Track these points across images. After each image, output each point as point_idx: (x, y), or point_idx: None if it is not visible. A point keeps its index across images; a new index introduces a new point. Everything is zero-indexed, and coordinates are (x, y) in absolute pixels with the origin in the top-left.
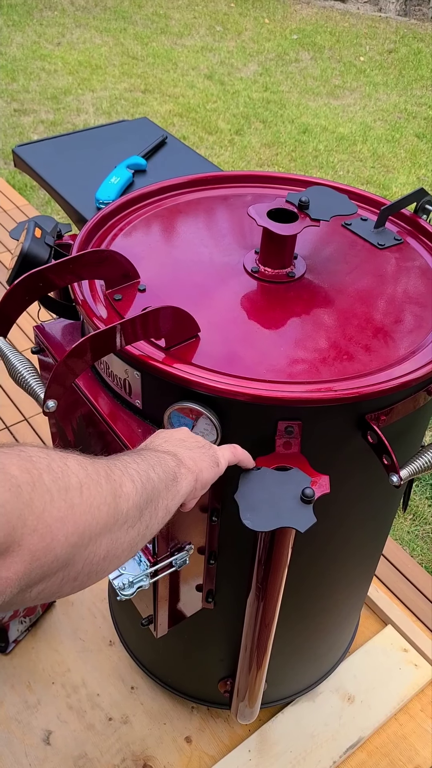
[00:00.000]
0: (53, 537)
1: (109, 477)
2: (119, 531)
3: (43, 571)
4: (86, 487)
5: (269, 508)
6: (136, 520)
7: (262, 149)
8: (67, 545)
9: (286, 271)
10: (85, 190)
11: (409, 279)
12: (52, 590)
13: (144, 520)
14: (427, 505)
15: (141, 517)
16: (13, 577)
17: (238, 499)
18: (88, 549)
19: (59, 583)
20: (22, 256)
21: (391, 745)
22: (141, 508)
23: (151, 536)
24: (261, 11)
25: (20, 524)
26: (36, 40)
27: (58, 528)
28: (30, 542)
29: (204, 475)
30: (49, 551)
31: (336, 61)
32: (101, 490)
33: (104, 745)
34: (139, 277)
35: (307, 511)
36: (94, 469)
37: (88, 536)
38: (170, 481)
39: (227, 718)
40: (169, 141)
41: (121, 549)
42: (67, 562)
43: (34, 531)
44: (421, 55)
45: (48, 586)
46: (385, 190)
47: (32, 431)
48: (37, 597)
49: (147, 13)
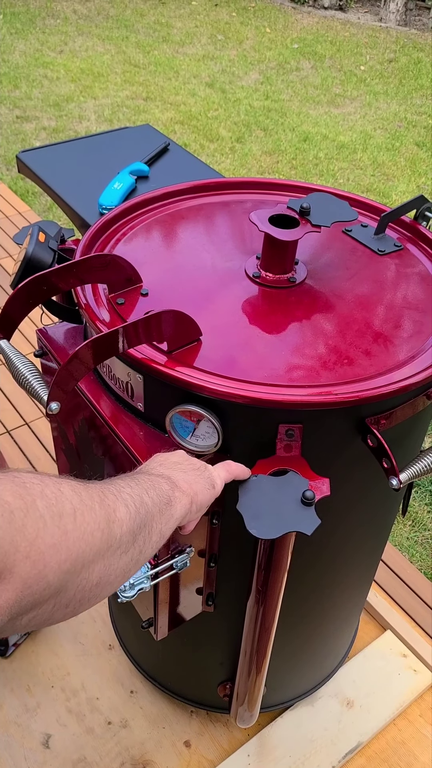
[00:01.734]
0: (46, 564)
1: (103, 502)
2: (112, 557)
3: (34, 599)
4: (80, 513)
5: (273, 515)
6: (129, 545)
7: (263, 157)
8: (59, 572)
9: (287, 276)
10: (88, 196)
11: (408, 285)
12: (43, 618)
13: (137, 545)
14: (426, 511)
15: (134, 542)
16: (3, 605)
17: (241, 510)
18: (80, 576)
19: (50, 610)
20: (26, 260)
21: (390, 751)
22: (135, 533)
23: (145, 561)
24: (262, 20)
25: (12, 550)
26: (39, 48)
27: (51, 555)
28: (22, 569)
29: (200, 497)
30: (42, 578)
31: (336, 70)
32: (95, 515)
33: (103, 749)
34: (141, 282)
35: (310, 513)
36: (88, 495)
37: (81, 563)
38: (164, 504)
39: (226, 722)
40: (172, 148)
41: (114, 575)
42: (59, 589)
43: (27, 558)
44: (421, 65)
45: (39, 613)
46: (385, 198)
47: (33, 435)
48: (27, 625)
49: (149, 21)
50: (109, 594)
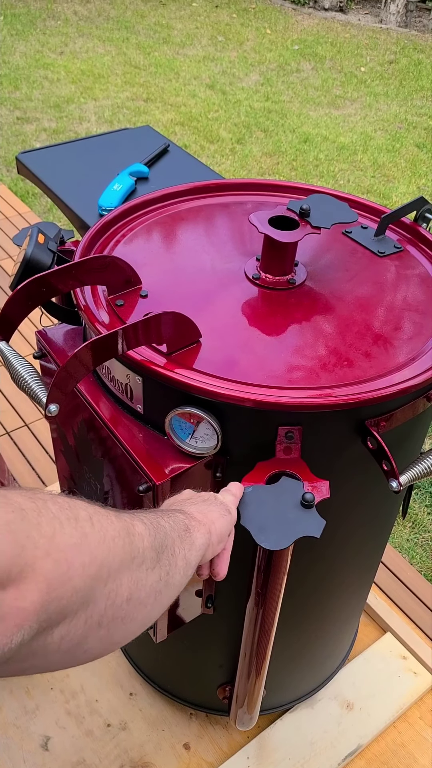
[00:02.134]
0: (69, 564)
1: (119, 516)
2: (139, 570)
3: (62, 605)
4: (96, 519)
5: (278, 524)
6: (154, 562)
7: (263, 158)
8: (85, 576)
9: (287, 278)
10: (87, 197)
11: (408, 287)
12: (77, 636)
13: (163, 565)
14: (426, 513)
15: (159, 561)
16: (30, 608)
17: (246, 525)
18: (108, 586)
19: (83, 627)
20: (26, 262)
21: (390, 753)
22: (157, 551)
23: (176, 589)
24: (263, 22)
25: (30, 545)
26: (39, 49)
27: (73, 555)
28: (44, 567)
29: (217, 525)
30: (67, 581)
31: (337, 72)
32: (113, 524)
33: (102, 752)
34: (141, 283)
35: (314, 515)
36: (101, 508)
37: (107, 570)
38: (183, 531)
39: (226, 724)
40: (171, 149)
41: (144, 592)
42: (87, 597)
43: (48, 555)
44: (421, 66)
45: (71, 629)
46: (385, 199)
47: (33, 437)
48: (61, 644)
49: (149, 23)
50: (144, 618)
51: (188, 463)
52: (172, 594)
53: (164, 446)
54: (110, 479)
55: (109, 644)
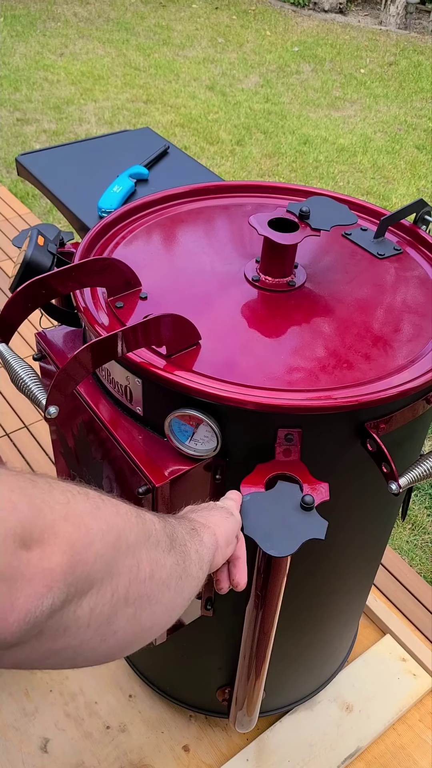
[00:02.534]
0: (88, 529)
1: (126, 502)
2: (155, 550)
3: (86, 570)
4: (106, 498)
5: (281, 530)
6: (169, 546)
7: (263, 160)
8: (105, 543)
9: (287, 280)
10: (87, 199)
11: (408, 289)
12: (105, 610)
13: (177, 552)
14: (426, 515)
15: (173, 547)
16: (57, 569)
17: (250, 534)
18: (128, 558)
19: (110, 600)
20: (25, 264)
21: (390, 755)
22: (170, 537)
23: (194, 581)
24: (262, 23)
25: (47, 509)
26: (39, 51)
27: (90, 521)
28: (65, 529)
29: (222, 528)
30: (89, 545)
31: (337, 73)
32: (123, 505)
33: (102, 754)
34: (140, 285)
35: (315, 517)
36: (105, 495)
37: (125, 541)
38: (190, 529)
39: (225, 726)
40: (171, 151)
41: (165, 572)
42: (110, 565)
43: (66, 519)
44: (421, 68)
45: (99, 600)
46: (385, 201)
47: (32, 438)
48: (91, 618)
49: (149, 24)
50: (168, 602)
51: (188, 465)
52: (192, 585)
53: (164, 448)
54: (110, 481)
55: (137, 628)
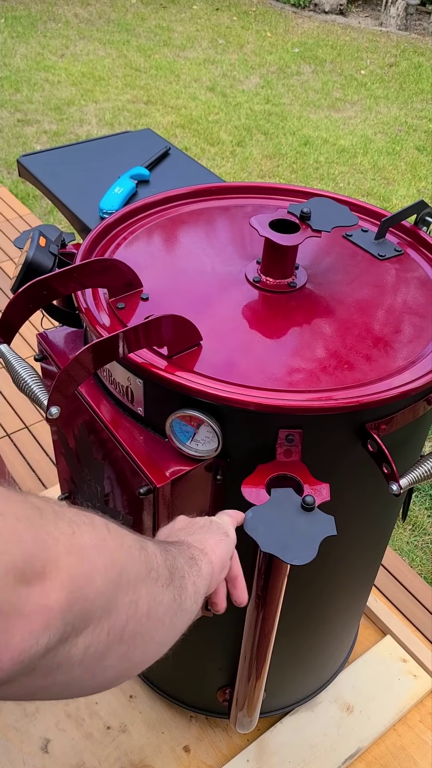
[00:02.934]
0: (92, 564)
1: (132, 532)
2: (155, 585)
3: (86, 608)
4: (112, 527)
5: (295, 537)
6: (168, 581)
7: (264, 161)
8: (107, 579)
9: (288, 281)
10: (88, 200)
11: (408, 290)
12: (100, 647)
13: (176, 586)
14: (426, 516)
15: (172, 581)
16: (55, 606)
17: (269, 551)
18: (129, 595)
19: (106, 638)
20: (27, 264)
21: (390, 756)
22: (170, 570)
23: (188, 615)
24: (263, 25)
25: (52, 541)
26: (40, 52)
27: (94, 555)
28: (68, 563)
29: (217, 552)
30: (90, 581)
31: (337, 75)
32: (128, 534)
33: (102, 754)
34: (141, 286)
35: (320, 515)
36: (111, 523)
37: (126, 578)
38: (189, 558)
39: (226, 727)
40: (172, 152)
41: (162, 609)
42: (110, 602)
43: (69, 552)
44: (421, 69)
45: (95, 638)
46: (385, 202)
47: (33, 439)
48: (85, 655)
49: (150, 25)
50: (160, 639)
51: (189, 465)
52: (185, 620)
53: (165, 449)
54: (111, 482)
55: (127, 664)
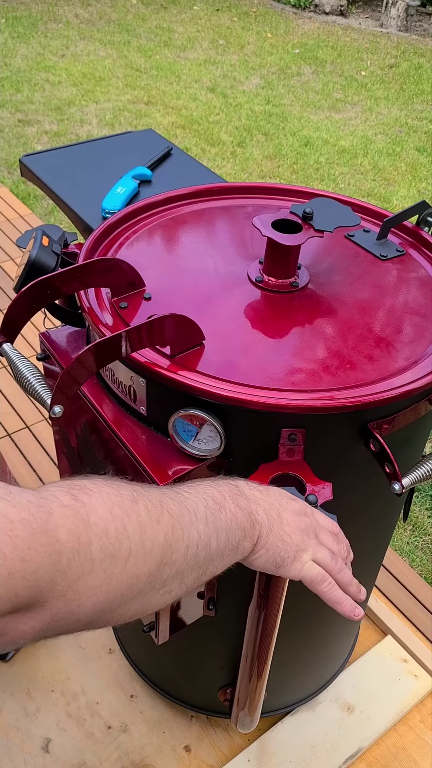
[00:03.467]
0: (80, 604)
1: (166, 540)
2: (153, 596)
3: (60, 630)
4: (134, 556)
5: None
6: (174, 585)
7: (264, 161)
8: (92, 612)
9: (290, 281)
10: (91, 200)
11: (410, 290)
12: (64, 635)
13: (184, 585)
14: (427, 516)
15: (182, 582)
16: (29, 631)
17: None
18: (115, 612)
19: (74, 634)
20: (30, 264)
21: (391, 756)
22: (184, 574)
23: (185, 594)
24: (263, 26)
25: (48, 589)
26: (40, 52)
27: (87, 597)
28: (54, 605)
29: (255, 560)
30: (72, 615)
31: (337, 75)
32: (150, 558)
33: (103, 754)
34: (144, 286)
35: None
36: (153, 532)
37: (119, 602)
38: (230, 550)
39: (227, 727)
40: (174, 152)
41: (149, 609)
42: (89, 624)
43: (62, 596)
44: (421, 70)
45: (62, 635)
46: (386, 203)
47: (34, 439)
48: (47, 639)
49: (151, 26)
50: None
51: (191, 464)
52: (175, 599)
53: (167, 448)
54: None
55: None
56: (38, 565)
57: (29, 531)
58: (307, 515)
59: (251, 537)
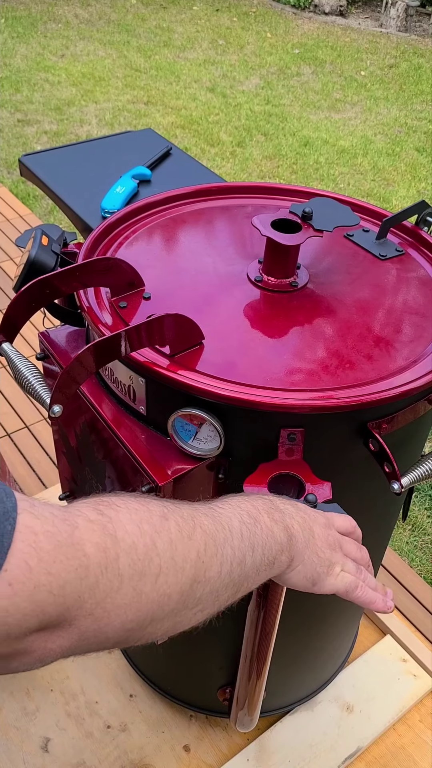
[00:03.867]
0: (108, 622)
1: (199, 557)
2: (186, 614)
3: (88, 648)
4: (165, 573)
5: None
6: (208, 604)
7: (264, 161)
8: (121, 630)
9: (289, 280)
10: (90, 200)
11: (410, 289)
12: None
13: (218, 603)
14: (426, 516)
15: (216, 600)
16: (57, 649)
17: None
18: (145, 631)
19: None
20: (29, 263)
21: (390, 756)
22: (218, 592)
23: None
24: (263, 26)
25: (76, 606)
26: (40, 52)
27: (116, 615)
28: (82, 624)
29: (292, 576)
30: (100, 634)
31: (337, 76)
32: (182, 576)
33: (102, 753)
34: (144, 285)
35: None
36: (185, 548)
37: (150, 621)
38: (265, 565)
39: (226, 726)
40: (174, 152)
41: (181, 628)
42: (118, 642)
43: (90, 614)
44: (421, 71)
45: (90, 653)
46: (385, 203)
47: (33, 438)
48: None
49: (150, 26)
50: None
51: (191, 464)
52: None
53: (167, 447)
54: (112, 481)
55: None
56: (65, 580)
57: (54, 543)
58: (330, 528)
59: (288, 551)
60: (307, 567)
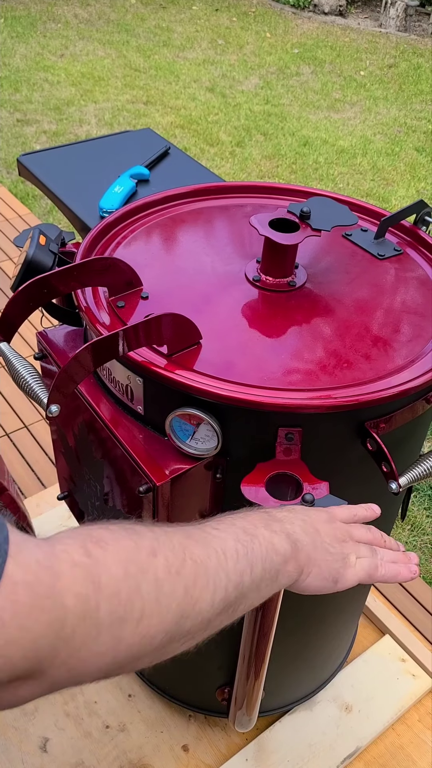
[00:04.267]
0: (83, 671)
1: (187, 593)
2: (172, 646)
3: (59, 689)
4: (147, 616)
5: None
6: (199, 633)
7: (263, 161)
8: (98, 673)
9: (287, 280)
10: (89, 199)
11: (408, 289)
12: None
13: (210, 629)
14: (425, 516)
15: (208, 627)
16: (27, 696)
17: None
18: (125, 669)
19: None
20: (27, 263)
21: (389, 756)
22: (211, 621)
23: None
24: (262, 25)
25: (50, 658)
26: (39, 52)
27: (93, 662)
28: (55, 674)
29: (311, 582)
30: (75, 679)
31: (336, 75)
32: (167, 616)
33: (101, 753)
34: (141, 285)
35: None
36: (171, 587)
37: (130, 661)
38: (268, 580)
39: (224, 726)
40: (172, 152)
41: (168, 656)
42: (97, 680)
43: (64, 664)
44: (420, 71)
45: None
46: (384, 203)
47: (32, 438)
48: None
49: (150, 26)
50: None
51: (188, 464)
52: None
53: (164, 447)
54: (110, 480)
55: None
56: (38, 634)
57: (32, 595)
58: (334, 521)
59: (295, 559)
60: (323, 568)
